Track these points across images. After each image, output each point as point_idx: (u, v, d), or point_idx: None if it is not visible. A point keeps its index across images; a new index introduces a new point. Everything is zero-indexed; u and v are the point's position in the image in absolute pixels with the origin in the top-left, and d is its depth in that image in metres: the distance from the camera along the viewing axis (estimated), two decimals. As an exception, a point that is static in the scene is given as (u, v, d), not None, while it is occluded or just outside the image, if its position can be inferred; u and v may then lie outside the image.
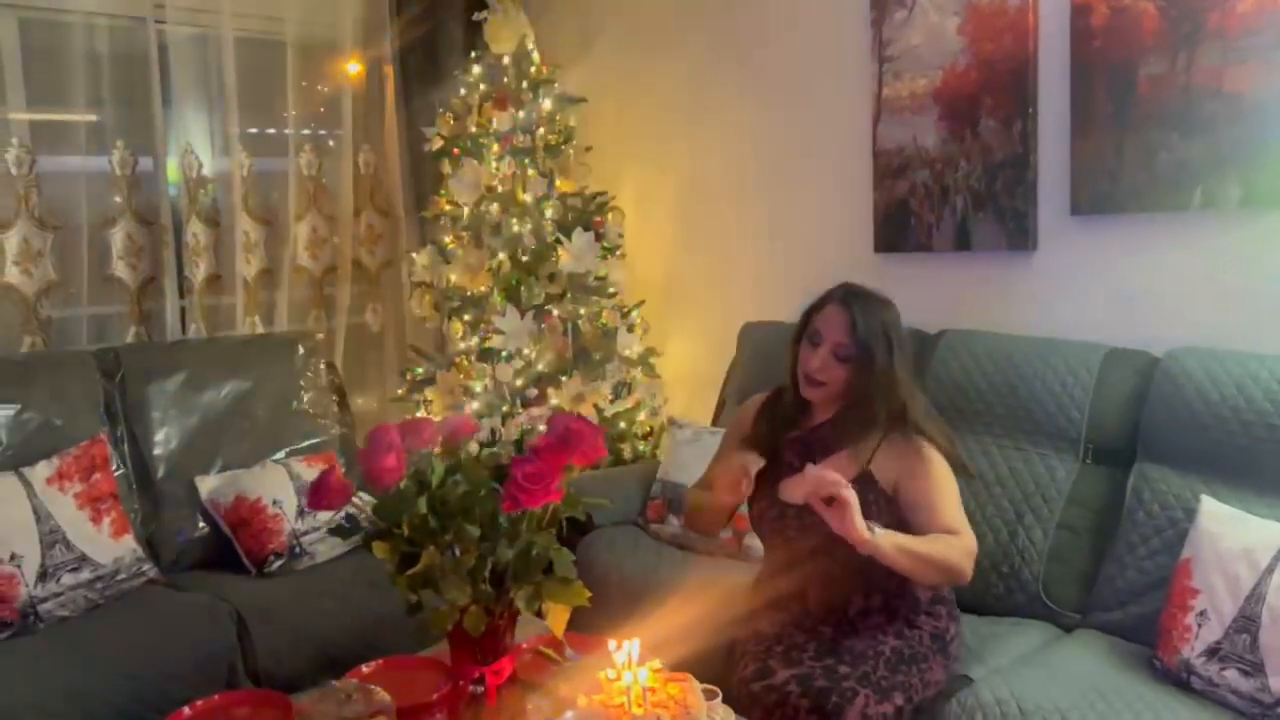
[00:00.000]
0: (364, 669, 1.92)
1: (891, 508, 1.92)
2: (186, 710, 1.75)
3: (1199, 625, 1.86)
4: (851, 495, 1.71)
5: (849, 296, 1.99)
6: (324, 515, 2.65)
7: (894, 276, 2.20)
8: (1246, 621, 1.80)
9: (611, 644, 1.51)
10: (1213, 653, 1.83)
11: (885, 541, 1.75)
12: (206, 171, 3.34)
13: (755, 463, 1.92)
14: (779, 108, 3.23)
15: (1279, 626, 1.75)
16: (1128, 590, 2.12)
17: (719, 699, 1.67)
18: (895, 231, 2.90)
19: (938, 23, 2.75)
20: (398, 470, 1.44)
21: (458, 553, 1.52)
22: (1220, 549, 1.90)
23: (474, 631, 1.48)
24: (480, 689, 1.57)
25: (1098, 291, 2.51)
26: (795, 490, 1.76)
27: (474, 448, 2.39)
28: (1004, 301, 2.67)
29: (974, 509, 2.01)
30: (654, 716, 1.35)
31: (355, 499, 1.50)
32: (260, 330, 3.48)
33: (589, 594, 1.52)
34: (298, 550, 2.68)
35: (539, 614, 1.53)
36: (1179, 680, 1.87)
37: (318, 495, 1.44)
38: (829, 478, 1.72)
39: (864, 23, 2.92)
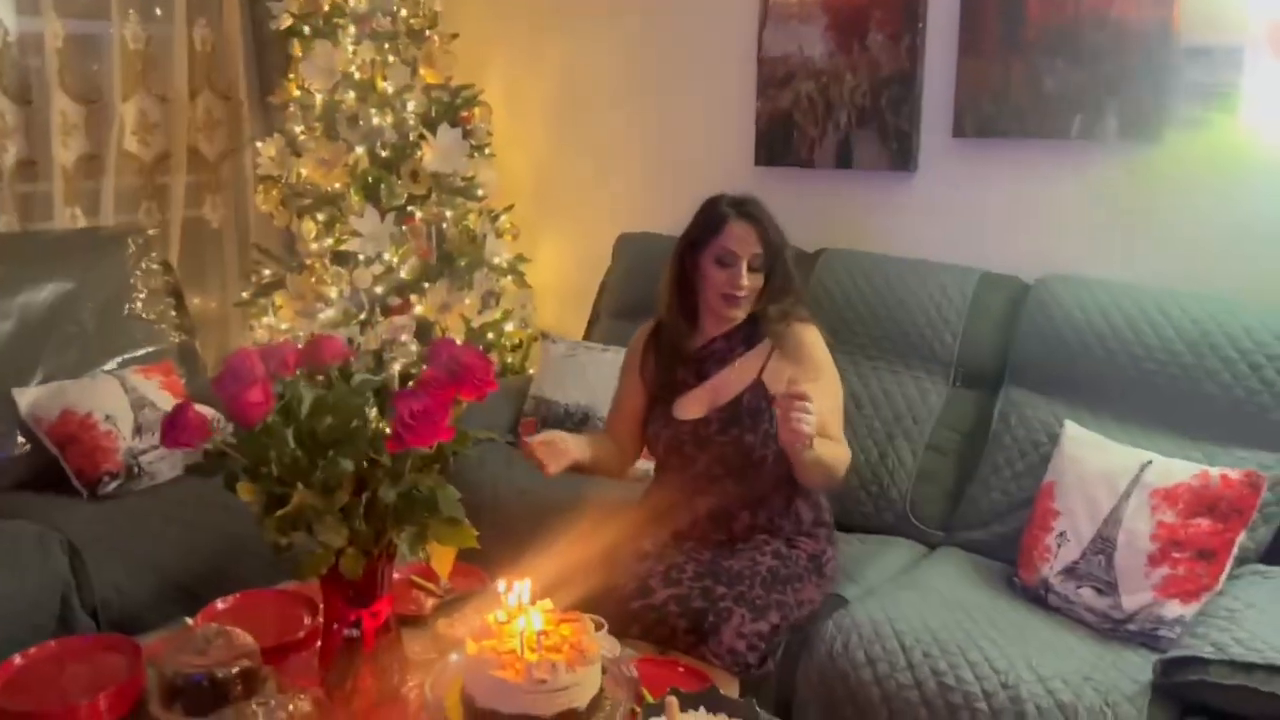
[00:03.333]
0: (219, 605, 1.80)
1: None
2: (17, 659, 1.58)
3: (1059, 546, 1.95)
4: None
5: (742, 207, 2.01)
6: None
7: (774, 191, 2.14)
8: (1103, 543, 1.89)
9: (500, 585, 1.43)
10: (1070, 572, 1.92)
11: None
12: (12, 38, 2.91)
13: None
14: (662, 5, 3.06)
15: (1132, 549, 1.85)
16: (991, 510, 2.20)
17: (605, 629, 1.64)
18: (777, 145, 2.83)
19: (830, -74, 2.64)
20: (265, 404, 1.29)
21: (330, 489, 1.39)
22: (1082, 473, 1.98)
23: (352, 575, 1.37)
24: (355, 632, 1.46)
25: (975, 215, 2.53)
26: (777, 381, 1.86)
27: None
28: (883, 221, 2.67)
29: (846, 429, 2.05)
30: (549, 662, 1.29)
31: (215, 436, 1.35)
32: (83, 223, 3.12)
33: (476, 533, 1.43)
34: (135, 470, 2.45)
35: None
36: (1037, 597, 1.96)
37: (174, 433, 1.28)
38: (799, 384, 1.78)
39: (753, -80, 2.78)
